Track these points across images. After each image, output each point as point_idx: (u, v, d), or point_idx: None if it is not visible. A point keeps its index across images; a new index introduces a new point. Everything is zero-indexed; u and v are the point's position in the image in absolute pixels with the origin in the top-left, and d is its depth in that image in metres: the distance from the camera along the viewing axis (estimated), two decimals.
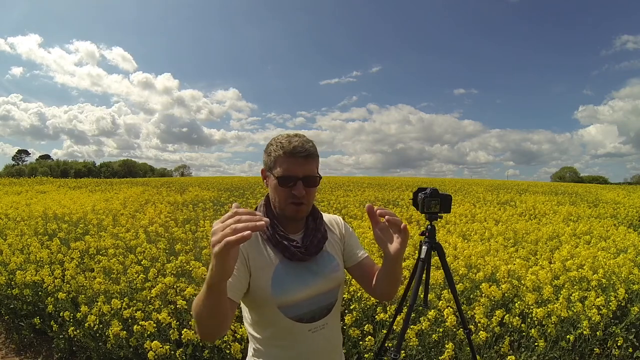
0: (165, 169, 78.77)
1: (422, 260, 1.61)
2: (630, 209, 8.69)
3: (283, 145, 1.05)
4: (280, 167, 1.05)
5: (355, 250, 1.22)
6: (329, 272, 1.13)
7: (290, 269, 1.07)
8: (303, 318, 1.08)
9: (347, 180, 24.85)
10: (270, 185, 1.10)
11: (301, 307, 1.07)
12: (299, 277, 1.07)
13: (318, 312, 1.11)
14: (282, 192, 1.07)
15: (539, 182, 33.27)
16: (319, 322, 1.11)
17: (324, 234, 1.15)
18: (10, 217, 6.31)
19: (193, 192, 12.70)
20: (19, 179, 24.98)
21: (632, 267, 3.34)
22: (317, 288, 1.10)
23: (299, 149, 1.04)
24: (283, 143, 1.05)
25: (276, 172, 1.06)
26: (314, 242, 1.11)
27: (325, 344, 1.13)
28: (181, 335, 2.38)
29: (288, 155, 1.04)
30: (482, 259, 3.55)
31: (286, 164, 1.04)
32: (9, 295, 3.35)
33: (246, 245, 1.04)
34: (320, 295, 1.11)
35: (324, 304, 1.12)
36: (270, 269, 1.06)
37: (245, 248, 1.04)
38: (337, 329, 1.19)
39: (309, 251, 1.09)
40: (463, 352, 2.44)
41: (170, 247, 4.35)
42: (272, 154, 1.07)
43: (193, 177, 50.65)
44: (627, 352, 2.62)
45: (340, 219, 1.27)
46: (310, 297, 1.09)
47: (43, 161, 65.47)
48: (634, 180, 59.33)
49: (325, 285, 1.11)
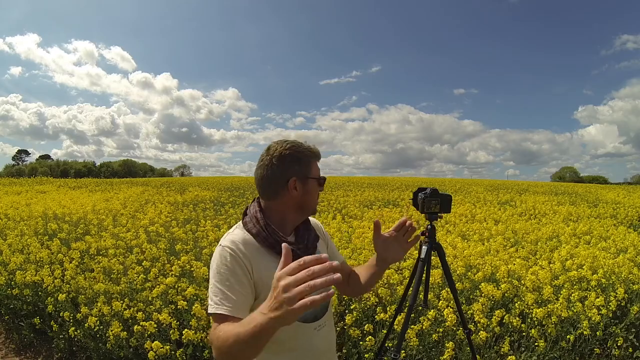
0: (165, 169, 78.72)
1: (422, 260, 1.61)
2: (630, 209, 8.69)
3: (312, 151, 1.13)
4: (315, 171, 1.14)
5: (337, 255, 1.32)
6: None
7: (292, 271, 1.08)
8: (308, 318, 1.11)
9: (347, 180, 24.86)
10: (304, 190, 1.12)
11: None
12: None
13: (319, 310, 1.14)
14: (317, 193, 1.16)
15: (539, 182, 33.28)
16: (321, 320, 1.14)
17: (315, 234, 1.19)
18: (10, 217, 6.31)
19: (193, 192, 12.72)
20: (19, 179, 25.02)
21: (632, 267, 3.34)
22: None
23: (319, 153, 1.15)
24: (310, 149, 1.13)
25: (314, 175, 1.13)
26: (310, 241, 1.15)
27: (327, 341, 1.18)
28: (182, 336, 2.39)
29: (317, 159, 1.15)
30: (482, 259, 3.55)
31: (317, 166, 1.15)
32: (9, 295, 3.35)
33: (249, 257, 1.04)
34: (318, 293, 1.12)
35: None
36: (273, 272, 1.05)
37: (249, 260, 1.04)
38: (333, 325, 1.25)
39: (309, 251, 1.12)
40: (463, 352, 2.44)
41: (171, 247, 4.35)
42: (304, 159, 1.12)
43: (193, 177, 50.68)
44: (627, 352, 2.63)
45: (319, 223, 1.32)
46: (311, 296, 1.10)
47: (43, 161, 65.44)
48: (634, 180, 59.31)
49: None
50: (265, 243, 1.08)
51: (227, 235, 1.10)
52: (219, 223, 5.64)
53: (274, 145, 1.12)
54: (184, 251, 3.98)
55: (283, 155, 1.09)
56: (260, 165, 1.11)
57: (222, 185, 17.68)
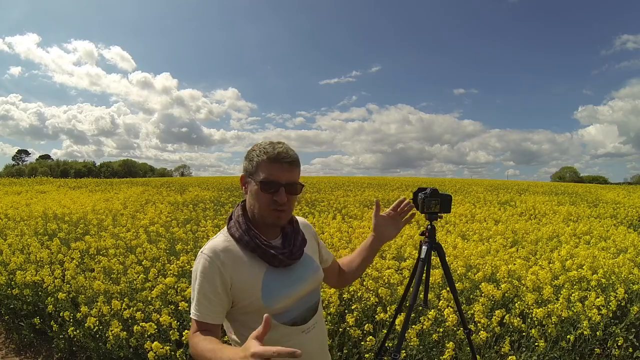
0: (165, 169, 78.75)
1: (422, 260, 1.61)
2: (630, 209, 8.69)
3: (267, 151, 1.05)
4: (263, 172, 1.04)
5: (328, 254, 1.33)
6: (311, 274, 1.16)
7: (277, 276, 1.07)
8: (297, 321, 1.10)
9: (347, 180, 24.87)
10: (250, 192, 1.09)
11: (292, 312, 1.09)
12: (285, 283, 1.08)
13: (307, 313, 1.13)
14: (264, 198, 1.05)
15: (539, 182, 33.28)
16: (310, 322, 1.13)
17: (303, 237, 1.17)
18: (10, 217, 6.30)
19: (193, 192, 12.71)
20: (19, 179, 25.03)
21: (632, 267, 3.34)
22: (303, 290, 1.12)
23: (283, 154, 1.05)
24: (267, 149, 1.05)
25: (258, 177, 1.05)
26: (297, 246, 1.12)
27: (318, 342, 1.17)
28: (182, 336, 2.39)
29: (272, 161, 1.04)
30: (482, 259, 3.55)
31: (269, 169, 1.04)
32: (9, 295, 3.35)
33: (229, 265, 1.03)
34: (306, 296, 1.14)
35: (310, 304, 1.15)
36: (258, 281, 1.05)
37: (228, 269, 1.03)
38: (324, 325, 1.24)
39: (294, 256, 1.11)
40: (463, 352, 2.44)
41: (171, 247, 4.35)
42: (254, 159, 1.06)
43: (193, 177, 50.70)
44: (627, 352, 2.63)
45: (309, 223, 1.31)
46: (298, 300, 1.11)
47: (43, 161, 65.45)
48: (634, 180, 59.29)
49: (309, 286, 1.14)
50: (247, 247, 1.06)
51: (210, 242, 1.09)
52: (219, 223, 5.63)
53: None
54: (184, 251, 3.98)
55: (246, 155, 1.11)
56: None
57: (222, 185, 17.67)
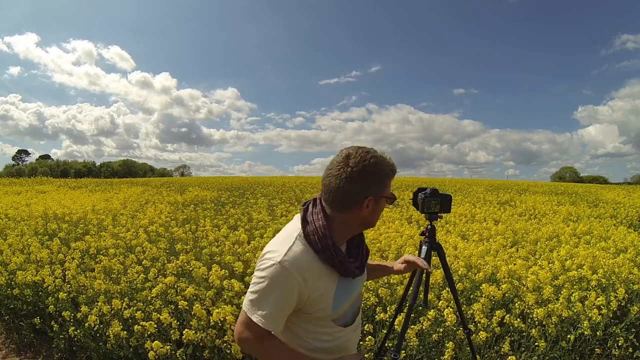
0: (165, 169, 78.60)
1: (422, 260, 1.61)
2: (630, 209, 8.69)
3: (393, 169, 1.07)
4: (388, 188, 1.09)
5: None
6: (363, 279, 1.23)
7: (345, 286, 1.12)
8: (349, 322, 1.18)
9: None
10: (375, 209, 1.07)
11: (347, 314, 1.16)
12: (349, 291, 1.15)
13: (356, 313, 1.22)
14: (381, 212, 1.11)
15: (539, 182, 33.26)
16: (356, 321, 1.23)
17: (367, 248, 1.22)
18: (10, 217, 6.31)
19: (193, 192, 12.71)
20: (19, 179, 25.02)
21: (632, 267, 3.34)
22: (356, 295, 1.20)
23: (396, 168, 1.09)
24: (392, 166, 1.07)
25: (384, 193, 1.07)
26: (364, 257, 1.18)
27: (357, 338, 1.27)
28: (182, 336, 2.39)
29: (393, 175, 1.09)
30: (482, 259, 3.55)
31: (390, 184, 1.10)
32: (9, 295, 3.35)
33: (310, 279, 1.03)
34: (357, 299, 1.22)
35: (358, 305, 1.24)
36: (331, 292, 1.09)
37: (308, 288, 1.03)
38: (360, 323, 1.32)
39: (363, 268, 1.18)
40: (463, 352, 2.44)
41: (171, 247, 4.35)
42: (384, 179, 1.06)
43: (193, 177, 50.66)
44: (627, 352, 2.63)
45: None
46: (352, 304, 1.18)
47: (43, 161, 65.41)
48: (634, 180, 59.23)
49: (360, 290, 1.24)
50: (328, 261, 1.05)
51: (289, 251, 1.02)
52: (218, 223, 5.63)
53: (354, 155, 1.03)
54: (183, 251, 3.98)
55: (365, 170, 1.02)
56: (337, 175, 1.03)
57: (222, 185, 17.67)
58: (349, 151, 1.04)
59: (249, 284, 1.08)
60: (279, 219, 6.35)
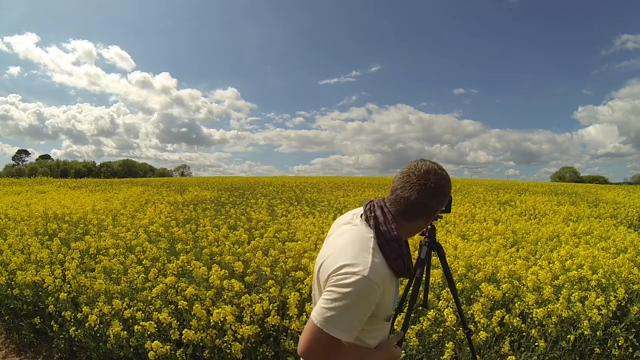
0: (165, 169, 78.51)
1: (422, 260, 1.61)
2: (630, 209, 8.69)
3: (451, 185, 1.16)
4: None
5: None
6: None
7: (398, 284, 1.19)
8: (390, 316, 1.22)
9: (347, 180, 24.83)
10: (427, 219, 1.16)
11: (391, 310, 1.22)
12: (398, 288, 1.20)
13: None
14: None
15: (539, 182, 33.26)
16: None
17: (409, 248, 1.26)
18: (10, 217, 6.31)
19: (193, 192, 12.71)
20: (19, 179, 25.01)
21: (631, 267, 3.34)
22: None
23: None
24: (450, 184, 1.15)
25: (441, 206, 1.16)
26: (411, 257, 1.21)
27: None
28: (182, 335, 2.39)
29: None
30: (482, 259, 3.55)
31: None
32: (9, 295, 3.36)
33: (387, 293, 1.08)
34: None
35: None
36: (394, 293, 1.15)
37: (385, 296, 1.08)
38: None
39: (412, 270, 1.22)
40: (463, 352, 2.44)
41: (171, 247, 4.35)
42: (448, 194, 1.15)
43: (193, 177, 50.66)
44: (627, 352, 2.63)
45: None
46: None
47: (43, 161, 65.41)
48: (634, 180, 59.24)
49: None
50: (397, 270, 1.10)
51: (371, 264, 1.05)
52: (218, 223, 5.63)
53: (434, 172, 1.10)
54: (184, 251, 3.98)
55: (442, 186, 1.10)
56: (418, 190, 1.08)
57: (222, 185, 17.67)
58: (428, 166, 1.11)
59: (249, 283, 1.09)
60: (279, 219, 6.35)
